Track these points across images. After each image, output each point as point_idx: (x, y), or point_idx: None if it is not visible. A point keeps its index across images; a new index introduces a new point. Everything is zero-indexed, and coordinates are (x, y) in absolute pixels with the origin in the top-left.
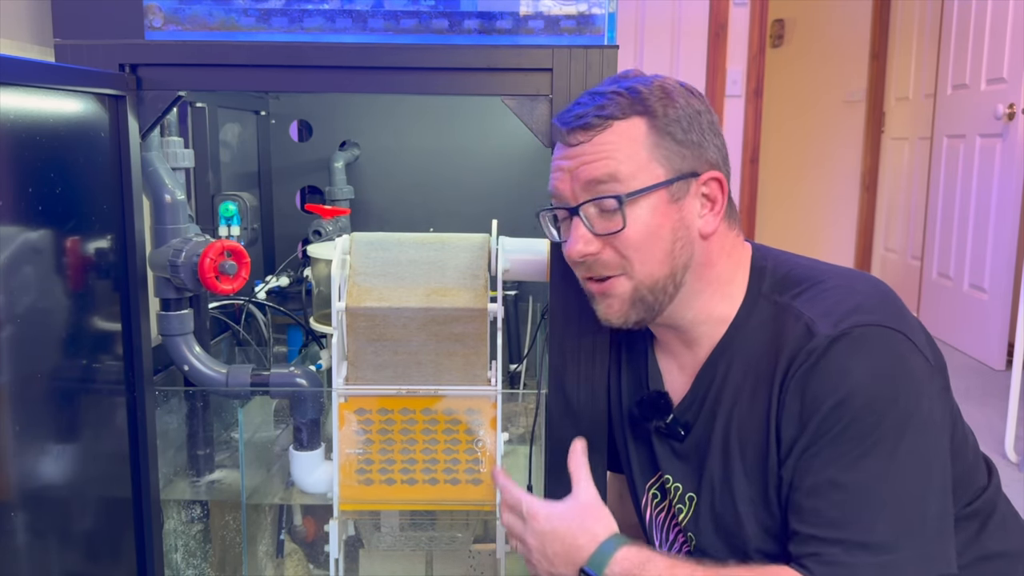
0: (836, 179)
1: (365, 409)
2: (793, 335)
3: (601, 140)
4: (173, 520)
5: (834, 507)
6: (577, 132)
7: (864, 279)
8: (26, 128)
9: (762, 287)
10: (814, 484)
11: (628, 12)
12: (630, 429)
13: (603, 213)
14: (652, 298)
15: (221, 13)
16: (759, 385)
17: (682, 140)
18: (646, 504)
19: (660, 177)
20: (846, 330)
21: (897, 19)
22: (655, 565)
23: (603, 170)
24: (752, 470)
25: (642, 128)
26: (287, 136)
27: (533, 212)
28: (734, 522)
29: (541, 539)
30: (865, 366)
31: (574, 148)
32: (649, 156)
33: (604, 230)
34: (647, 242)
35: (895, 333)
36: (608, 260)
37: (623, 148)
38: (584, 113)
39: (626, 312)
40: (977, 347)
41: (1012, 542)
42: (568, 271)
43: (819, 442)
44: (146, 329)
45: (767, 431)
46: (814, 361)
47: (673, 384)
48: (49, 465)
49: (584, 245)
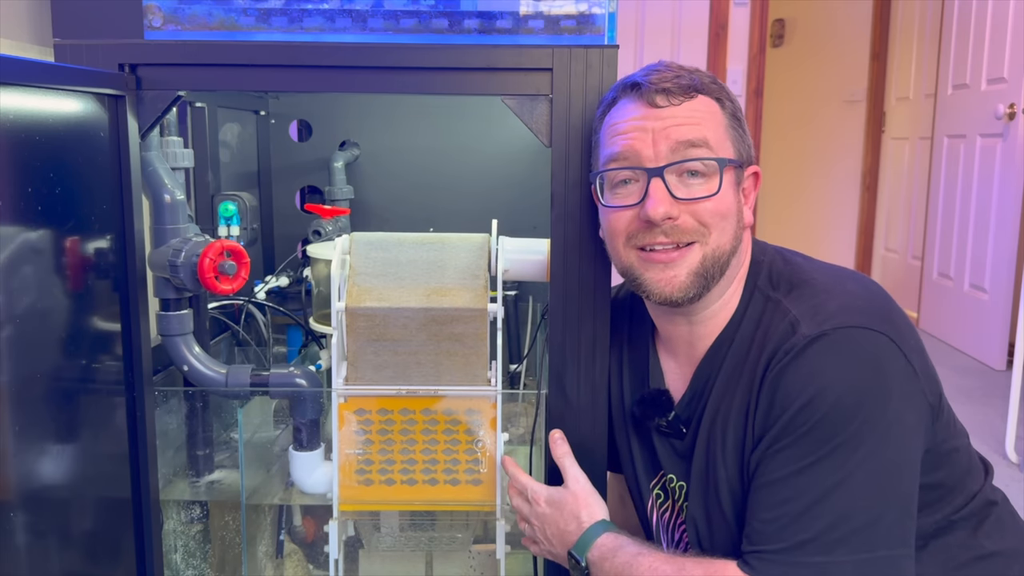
0: (836, 179)
1: (365, 409)
2: (777, 332)
3: (692, 106)
4: (173, 520)
5: (783, 506)
6: (666, 95)
7: (856, 279)
8: (26, 128)
9: (758, 281)
10: (769, 482)
11: (628, 12)
12: (632, 429)
13: (691, 177)
14: (713, 272)
15: (221, 13)
16: (743, 380)
17: (743, 130)
18: (651, 505)
19: (733, 156)
20: (827, 331)
21: (897, 19)
22: (625, 552)
23: (698, 133)
24: (731, 464)
25: (717, 107)
26: (287, 136)
27: (533, 212)
28: (721, 516)
29: (542, 521)
30: (838, 368)
31: (660, 109)
32: (726, 134)
33: (691, 195)
34: (728, 212)
35: (877, 335)
36: (686, 226)
37: (710, 119)
38: (674, 77)
39: (689, 285)
40: (977, 347)
41: (1008, 541)
42: (568, 271)
43: (782, 441)
44: (146, 329)
45: (745, 426)
46: (789, 360)
47: (674, 382)
48: (49, 465)
49: (668, 206)
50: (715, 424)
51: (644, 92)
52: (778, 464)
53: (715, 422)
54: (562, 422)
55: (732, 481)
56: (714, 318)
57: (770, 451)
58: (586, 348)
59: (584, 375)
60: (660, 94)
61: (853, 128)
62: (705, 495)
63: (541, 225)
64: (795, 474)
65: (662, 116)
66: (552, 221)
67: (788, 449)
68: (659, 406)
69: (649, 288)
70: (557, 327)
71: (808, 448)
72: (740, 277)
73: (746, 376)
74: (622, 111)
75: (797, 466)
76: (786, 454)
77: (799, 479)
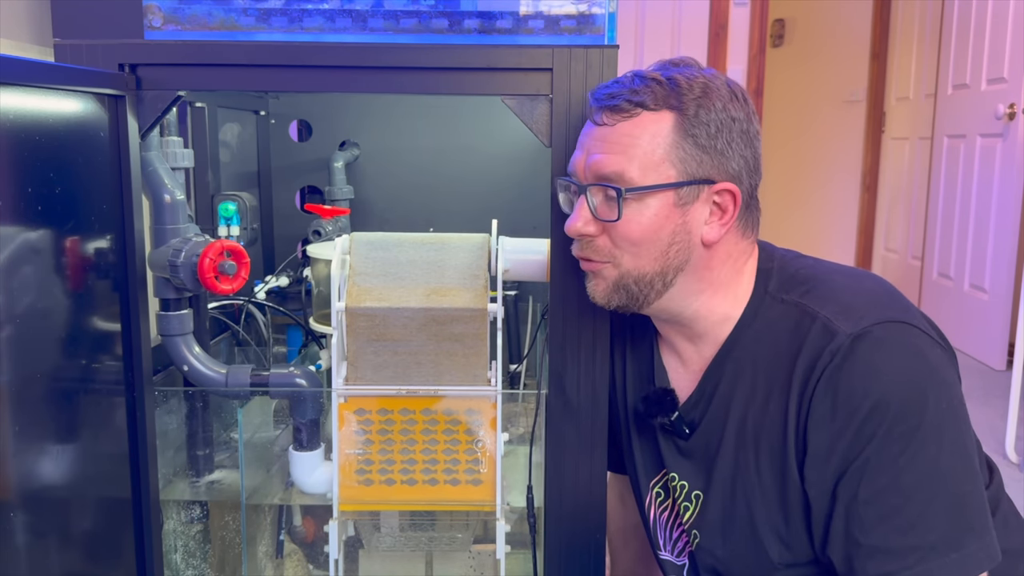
0: (836, 179)
1: (365, 409)
2: (810, 334)
3: (623, 130)
4: (173, 520)
5: (896, 513)
6: (605, 112)
7: (869, 276)
8: (26, 128)
9: (768, 286)
10: (871, 493)
11: (628, 12)
12: (635, 426)
13: (607, 200)
14: (637, 289)
15: (221, 13)
16: (774, 386)
17: (704, 145)
18: (650, 503)
19: (671, 178)
20: (867, 328)
21: (897, 19)
22: None
23: (613, 164)
24: (767, 472)
25: (668, 124)
26: (287, 136)
27: (533, 212)
28: (745, 524)
29: None
30: (894, 364)
31: (598, 128)
32: (664, 155)
33: (604, 216)
34: (641, 239)
35: (911, 328)
36: (600, 247)
37: (642, 143)
38: (617, 94)
39: (609, 295)
40: (978, 347)
41: (1013, 540)
42: (568, 270)
43: (866, 448)
44: (145, 329)
45: (785, 433)
46: (839, 361)
47: (678, 382)
48: (49, 465)
49: (583, 224)
50: (744, 432)
51: (592, 109)
52: (872, 472)
53: (744, 430)
54: (562, 422)
55: (767, 489)
56: (707, 321)
57: (857, 461)
58: (586, 348)
59: (584, 375)
60: (602, 111)
61: (853, 128)
62: (730, 502)
63: (541, 225)
64: (893, 478)
65: (595, 136)
66: (552, 221)
67: (875, 456)
68: (663, 405)
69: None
70: (557, 327)
71: (894, 449)
72: (732, 286)
73: (777, 381)
74: (586, 123)
75: (891, 471)
76: (875, 461)
77: (898, 481)
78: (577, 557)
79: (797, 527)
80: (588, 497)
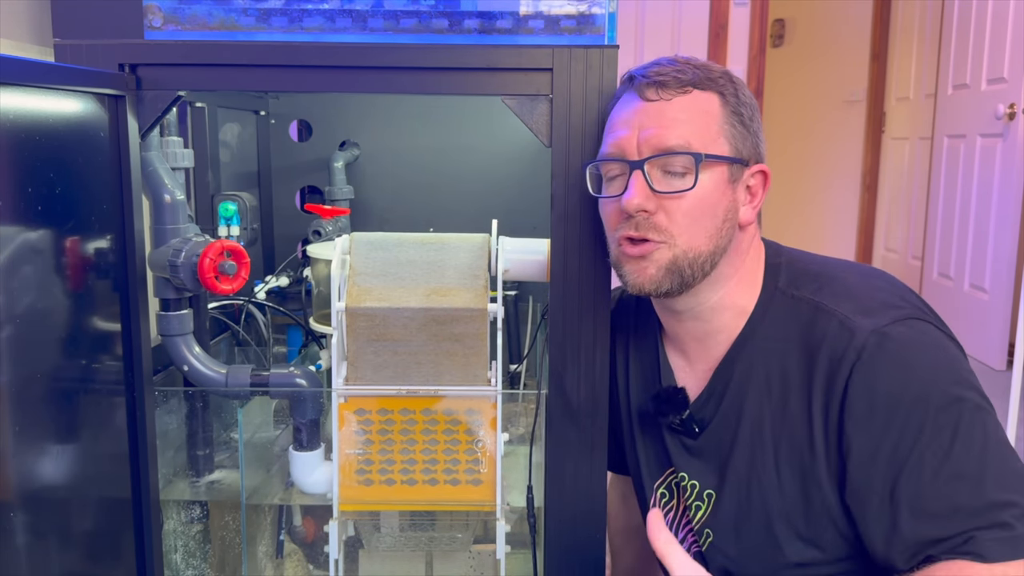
0: (836, 179)
1: (365, 409)
2: (828, 333)
3: (681, 103)
4: (173, 520)
5: (969, 497)
6: (657, 89)
7: (878, 273)
8: (26, 128)
9: (779, 282)
10: (938, 489)
11: (628, 12)
12: (639, 426)
13: (667, 174)
14: (690, 272)
15: (221, 13)
16: (791, 384)
17: (747, 125)
18: (654, 504)
19: (727, 153)
20: (888, 324)
21: (897, 19)
22: None
23: (678, 137)
24: (786, 470)
25: (716, 103)
26: (287, 136)
27: (533, 212)
28: (761, 522)
29: None
30: (922, 359)
31: (650, 104)
32: (719, 131)
33: (668, 188)
34: (702, 213)
35: (927, 324)
36: (658, 223)
37: (698, 117)
38: (666, 71)
39: (660, 280)
40: (978, 347)
41: None
42: (568, 270)
43: (917, 444)
44: (146, 329)
45: (810, 432)
46: (868, 359)
47: (684, 380)
48: (49, 465)
49: (643, 199)
50: (761, 430)
51: (637, 85)
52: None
53: (760, 428)
54: (562, 422)
55: (786, 487)
56: (726, 314)
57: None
58: (586, 348)
59: (584, 375)
60: (652, 87)
61: (853, 128)
62: (745, 501)
63: (541, 225)
64: (953, 466)
65: (649, 112)
66: (552, 221)
67: (928, 449)
68: (674, 404)
69: (625, 280)
70: (557, 327)
71: (944, 438)
72: (750, 276)
73: (795, 380)
74: (620, 105)
75: (951, 460)
76: (929, 454)
77: (959, 468)
78: (577, 557)
79: (817, 525)
80: (588, 497)
